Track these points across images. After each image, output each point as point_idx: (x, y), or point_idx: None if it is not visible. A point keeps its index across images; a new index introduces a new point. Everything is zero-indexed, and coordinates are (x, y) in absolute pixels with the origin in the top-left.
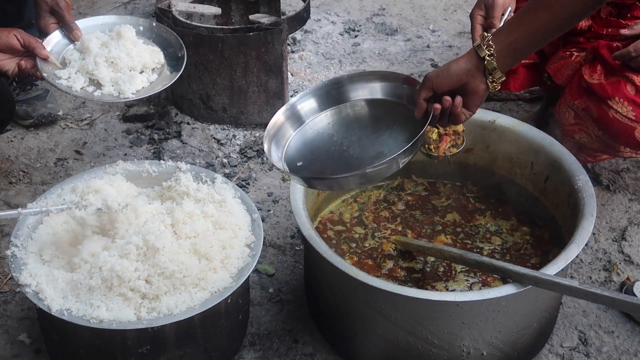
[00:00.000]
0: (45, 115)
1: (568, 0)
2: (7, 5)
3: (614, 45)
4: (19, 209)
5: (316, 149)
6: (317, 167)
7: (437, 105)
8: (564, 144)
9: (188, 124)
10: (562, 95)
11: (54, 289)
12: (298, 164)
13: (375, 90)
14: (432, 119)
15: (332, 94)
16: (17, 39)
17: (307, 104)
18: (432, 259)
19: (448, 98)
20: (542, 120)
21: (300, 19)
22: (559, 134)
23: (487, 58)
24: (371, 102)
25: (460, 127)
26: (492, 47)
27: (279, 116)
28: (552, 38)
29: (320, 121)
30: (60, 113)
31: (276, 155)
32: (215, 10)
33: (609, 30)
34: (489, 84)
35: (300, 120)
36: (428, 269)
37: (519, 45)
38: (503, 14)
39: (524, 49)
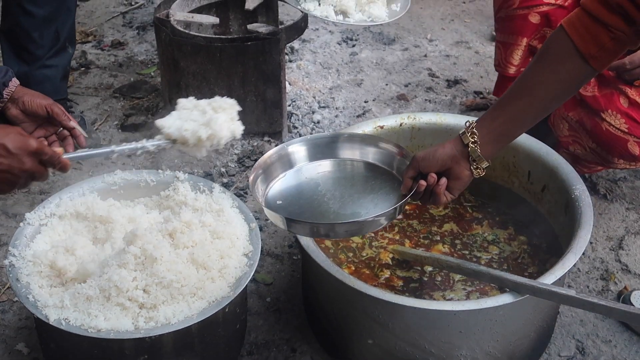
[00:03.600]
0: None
1: (548, 85)
2: (44, 30)
3: None
4: (113, 147)
5: (299, 194)
6: (294, 209)
7: (423, 182)
8: (559, 155)
9: None
10: None
11: (51, 298)
12: (277, 202)
13: (369, 153)
14: (415, 195)
15: (329, 147)
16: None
17: (302, 150)
18: (430, 268)
19: (434, 176)
20: (538, 130)
21: (298, 28)
22: (554, 144)
23: (471, 145)
24: (363, 164)
25: None
26: (476, 135)
27: (272, 153)
28: (535, 122)
29: (310, 169)
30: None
31: (260, 190)
32: (214, 19)
33: None
34: (473, 170)
35: (291, 164)
36: (426, 279)
37: (502, 131)
38: None
39: (508, 134)
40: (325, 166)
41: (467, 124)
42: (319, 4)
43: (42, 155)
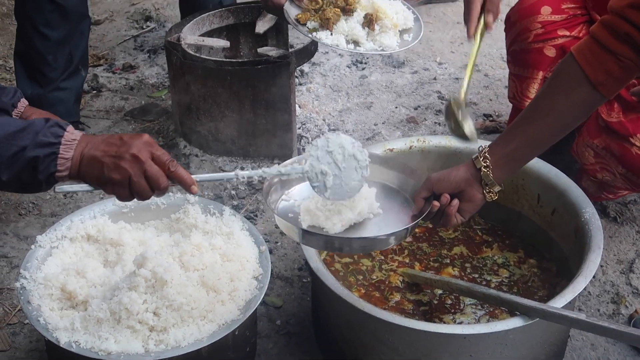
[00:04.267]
0: None
1: (559, 111)
2: (58, 53)
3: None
4: (237, 171)
5: None
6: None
7: (436, 203)
8: (583, 182)
9: (196, 156)
10: (579, 135)
11: (62, 320)
12: (289, 215)
13: (383, 174)
14: (427, 215)
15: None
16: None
17: None
18: (440, 291)
19: (447, 196)
20: (560, 159)
21: (308, 51)
22: (575, 172)
23: (484, 170)
24: (375, 184)
25: None
26: (488, 159)
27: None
28: (547, 146)
29: None
30: None
31: (273, 200)
32: (224, 43)
33: None
34: (486, 194)
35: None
36: (436, 302)
37: (515, 156)
38: None
39: (520, 159)
40: None
41: (480, 148)
42: (331, 34)
43: (169, 165)
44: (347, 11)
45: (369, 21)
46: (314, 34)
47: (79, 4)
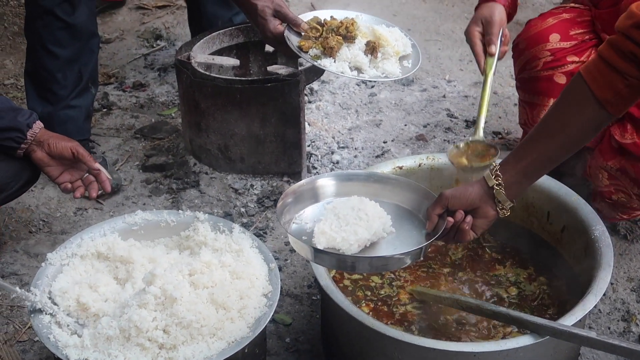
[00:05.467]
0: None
1: (568, 129)
2: (67, 71)
3: None
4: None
5: None
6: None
7: (451, 219)
8: (597, 204)
9: (206, 173)
10: (592, 157)
11: (72, 338)
12: (302, 238)
13: (395, 195)
14: (442, 232)
15: (358, 185)
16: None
17: (331, 185)
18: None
19: (462, 212)
20: (566, 175)
21: (317, 70)
22: (588, 195)
23: (496, 187)
24: (387, 205)
25: None
26: (500, 177)
27: (303, 184)
28: (558, 163)
29: (338, 204)
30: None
31: (286, 219)
32: (234, 61)
33: None
34: (499, 210)
35: (318, 197)
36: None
37: (526, 174)
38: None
39: (531, 176)
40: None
41: (491, 166)
42: (334, 61)
43: None
44: (348, 39)
45: (372, 48)
46: (318, 61)
47: (87, 22)
